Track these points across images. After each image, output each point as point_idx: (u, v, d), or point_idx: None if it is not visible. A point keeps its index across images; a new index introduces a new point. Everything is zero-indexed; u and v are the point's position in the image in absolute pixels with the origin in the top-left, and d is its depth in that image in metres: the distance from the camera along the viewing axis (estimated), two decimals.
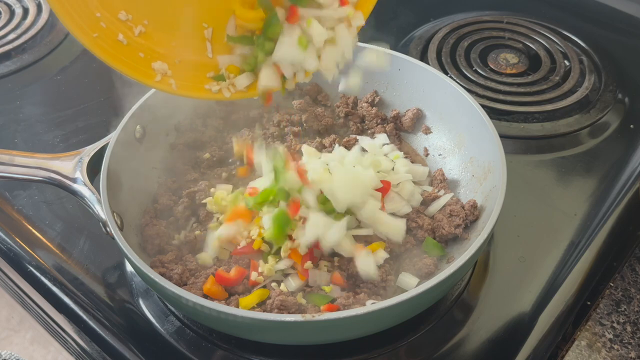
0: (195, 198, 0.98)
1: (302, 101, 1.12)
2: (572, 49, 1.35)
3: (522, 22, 1.43)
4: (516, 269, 0.93)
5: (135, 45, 0.76)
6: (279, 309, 0.80)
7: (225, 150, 1.07)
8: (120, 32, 0.75)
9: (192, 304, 0.72)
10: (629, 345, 0.84)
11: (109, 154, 0.88)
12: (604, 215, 1.01)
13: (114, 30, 0.75)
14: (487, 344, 0.84)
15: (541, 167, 1.11)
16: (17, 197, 1.05)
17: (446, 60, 1.31)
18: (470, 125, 0.99)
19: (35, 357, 1.73)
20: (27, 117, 1.22)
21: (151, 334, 0.86)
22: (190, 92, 0.80)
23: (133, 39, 0.76)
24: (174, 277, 0.85)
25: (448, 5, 1.53)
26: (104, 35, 0.74)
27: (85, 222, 1.00)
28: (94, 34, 0.73)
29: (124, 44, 0.75)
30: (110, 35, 0.74)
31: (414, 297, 0.72)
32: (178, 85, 0.78)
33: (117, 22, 0.75)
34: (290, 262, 0.87)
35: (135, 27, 0.76)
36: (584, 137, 1.16)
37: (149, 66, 0.77)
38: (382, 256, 0.88)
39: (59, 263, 0.95)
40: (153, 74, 0.77)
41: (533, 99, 1.22)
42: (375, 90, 1.12)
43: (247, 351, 0.83)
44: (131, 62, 0.76)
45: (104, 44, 0.73)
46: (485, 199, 0.91)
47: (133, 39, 0.76)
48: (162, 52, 0.78)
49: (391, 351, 0.83)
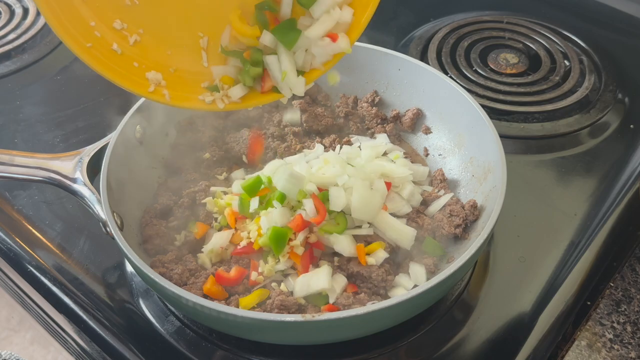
0: (195, 198, 0.99)
1: (302, 101, 1.12)
2: (572, 49, 1.35)
3: (522, 22, 1.43)
4: (516, 269, 0.93)
5: (130, 55, 0.76)
6: (279, 309, 0.80)
7: (225, 150, 1.07)
8: (114, 42, 0.74)
9: (192, 304, 0.72)
10: (629, 345, 0.84)
11: (109, 154, 0.88)
12: (604, 215, 1.01)
13: (108, 39, 0.74)
14: (487, 344, 0.84)
15: (541, 167, 1.11)
16: (17, 197, 1.05)
17: (446, 60, 1.31)
18: (470, 125, 0.99)
19: (35, 357, 1.73)
20: (27, 117, 1.22)
21: (151, 334, 0.86)
22: (184, 103, 0.79)
23: (128, 48, 0.76)
24: (174, 277, 0.85)
25: (448, 5, 1.53)
26: (98, 45, 0.73)
27: (85, 222, 1.00)
28: (88, 43, 0.72)
29: (118, 54, 0.75)
30: (104, 45, 0.74)
31: (414, 297, 0.72)
32: (172, 96, 0.77)
33: (111, 31, 0.74)
34: (290, 262, 0.87)
35: (130, 36, 0.76)
36: (584, 137, 1.16)
37: (143, 76, 0.76)
38: (382, 256, 0.88)
39: (59, 263, 0.95)
40: (147, 84, 0.76)
41: (533, 99, 1.22)
42: (375, 90, 1.12)
43: (247, 351, 0.83)
44: (125, 72, 0.75)
45: (98, 54, 0.73)
46: (485, 199, 0.91)
47: (128, 48, 0.76)
48: (157, 61, 0.78)
49: (391, 351, 0.83)
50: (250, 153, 1.05)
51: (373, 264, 0.87)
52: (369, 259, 0.87)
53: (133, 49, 0.76)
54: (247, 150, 1.06)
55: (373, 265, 0.87)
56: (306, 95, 1.15)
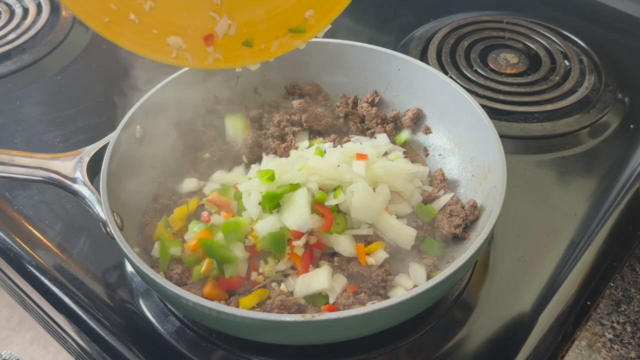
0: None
1: (302, 101, 1.12)
2: (572, 49, 1.35)
3: (522, 22, 1.43)
4: (516, 269, 0.93)
5: (148, 22, 0.76)
6: (279, 309, 0.80)
7: (225, 150, 1.07)
8: (131, 12, 0.75)
9: (192, 304, 0.72)
10: (629, 345, 0.84)
11: (109, 154, 0.88)
12: (604, 215, 1.01)
13: (124, 10, 0.75)
14: (487, 344, 0.84)
15: (541, 167, 1.11)
16: (17, 197, 1.05)
17: (446, 60, 1.31)
18: (470, 125, 0.99)
19: (35, 357, 1.74)
20: (27, 117, 1.22)
21: (151, 334, 0.86)
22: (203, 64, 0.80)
23: (145, 15, 0.76)
24: (174, 277, 0.85)
25: (448, 5, 1.53)
26: (116, 18, 0.74)
27: (85, 222, 1.00)
28: (106, 18, 0.73)
29: (136, 23, 0.75)
30: (122, 17, 0.74)
31: (414, 297, 0.72)
32: (194, 58, 0.78)
33: (126, 1, 0.75)
34: (290, 263, 0.87)
35: (145, 4, 0.76)
36: (584, 137, 1.16)
37: (164, 42, 0.77)
38: (382, 256, 0.88)
39: (59, 263, 0.95)
40: (169, 50, 0.77)
41: (533, 99, 1.22)
42: (375, 90, 1.12)
43: (247, 351, 0.83)
44: (146, 41, 0.76)
45: (117, 27, 0.74)
46: (485, 199, 0.91)
47: (145, 16, 0.76)
48: (176, 24, 0.78)
49: (391, 351, 0.83)
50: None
51: (373, 264, 0.87)
52: (369, 259, 0.87)
53: (150, 15, 0.76)
54: (247, 150, 1.06)
55: (373, 265, 0.87)
56: (306, 95, 1.15)
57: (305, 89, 1.15)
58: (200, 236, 0.88)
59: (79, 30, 1.43)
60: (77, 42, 1.40)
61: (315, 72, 1.14)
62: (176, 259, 0.89)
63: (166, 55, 0.77)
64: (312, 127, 1.10)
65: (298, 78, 1.15)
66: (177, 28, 0.78)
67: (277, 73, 1.14)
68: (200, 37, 0.79)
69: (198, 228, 0.91)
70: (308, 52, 1.09)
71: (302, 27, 0.82)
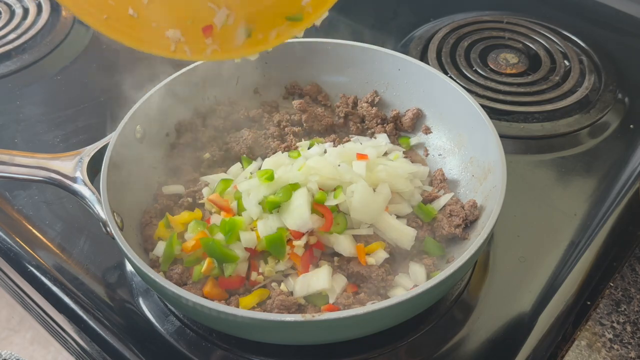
0: (195, 198, 0.99)
1: (302, 101, 1.12)
2: (572, 49, 1.35)
3: (522, 22, 1.43)
4: (516, 269, 0.93)
5: (147, 15, 0.76)
6: (279, 309, 0.80)
7: (225, 150, 1.07)
8: (129, 6, 0.75)
9: (192, 304, 0.72)
10: (629, 345, 0.84)
11: (109, 154, 0.88)
12: (604, 215, 1.01)
13: (122, 5, 0.74)
14: (487, 344, 0.84)
15: (541, 167, 1.11)
16: (17, 197, 1.05)
17: (446, 60, 1.31)
18: (470, 125, 0.99)
19: (35, 357, 1.74)
20: (27, 117, 1.22)
21: (151, 334, 0.86)
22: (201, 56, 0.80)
23: (143, 8, 0.75)
24: (174, 277, 0.85)
25: (448, 5, 1.53)
26: (115, 14, 0.73)
27: (85, 222, 1.00)
28: (104, 15, 0.72)
29: (135, 18, 0.75)
30: (120, 12, 0.74)
31: (414, 297, 0.72)
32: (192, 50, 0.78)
33: None
34: (291, 263, 0.87)
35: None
36: (584, 137, 1.16)
37: (163, 36, 0.77)
38: (382, 256, 0.88)
39: (59, 263, 0.95)
40: (168, 44, 0.77)
41: (533, 99, 1.22)
42: (375, 90, 1.12)
43: (247, 351, 0.83)
44: (145, 36, 0.76)
45: (116, 23, 0.73)
46: (485, 199, 0.91)
47: (143, 9, 0.75)
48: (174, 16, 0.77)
49: (391, 351, 0.83)
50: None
51: (373, 264, 0.87)
52: (369, 259, 0.87)
53: (148, 7, 0.76)
54: (247, 150, 1.06)
55: (373, 265, 0.87)
56: (306, 95, 1.15)
57: (305, 89, 1.15)
58: (200, 236, 0.88)
59: (79, 30, 1.43)
60: (77, 42, 1.40)
61: (315, 72, 1.14)
62: (176, 258, 0.89)
63: (165, 49, 0.77)
64: (312, 127, 1.10)
65: (298, 78, 1.15)
66: (176, 20, 0.78)
67: (277, 73, 1.14)
68: (199, 29, 0.79)
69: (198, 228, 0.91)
70: (308, 52, 1.10)
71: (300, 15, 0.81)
